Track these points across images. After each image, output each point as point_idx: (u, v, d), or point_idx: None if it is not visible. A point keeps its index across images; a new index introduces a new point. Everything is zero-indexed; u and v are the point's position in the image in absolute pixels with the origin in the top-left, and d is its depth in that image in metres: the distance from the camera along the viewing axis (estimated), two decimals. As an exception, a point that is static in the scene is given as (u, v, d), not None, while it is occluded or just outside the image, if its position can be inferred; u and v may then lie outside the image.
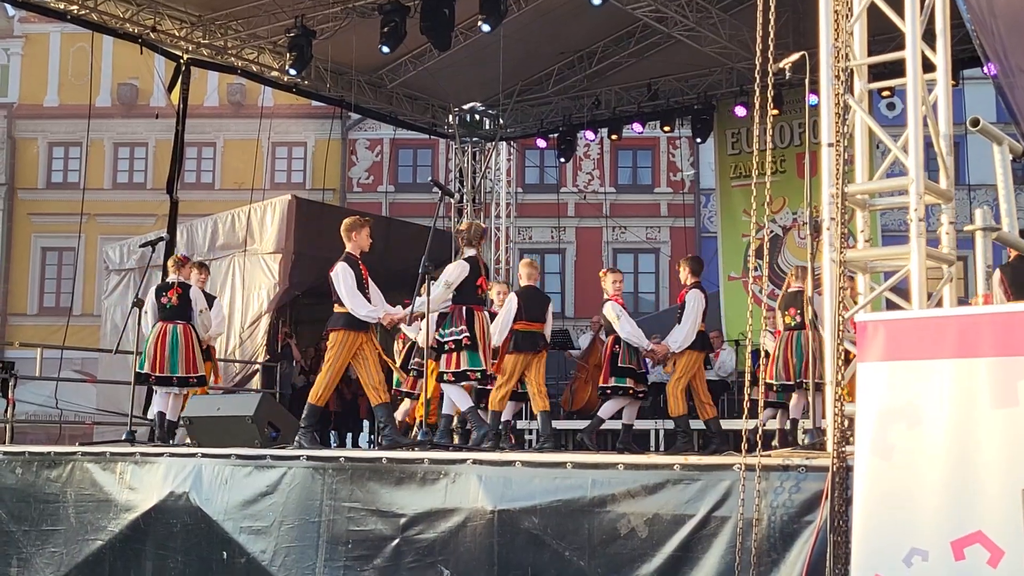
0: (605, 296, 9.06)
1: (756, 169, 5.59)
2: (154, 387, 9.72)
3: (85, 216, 20.60)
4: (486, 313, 8.07)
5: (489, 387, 8.43)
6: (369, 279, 7.75)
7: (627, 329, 8.72)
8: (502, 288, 9.41)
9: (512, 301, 8.54)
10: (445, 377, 7.85)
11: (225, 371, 13.02)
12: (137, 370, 9.46)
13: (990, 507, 3.88)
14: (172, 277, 9.80)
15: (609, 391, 8.92)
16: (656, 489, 5.23)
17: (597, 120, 16.94)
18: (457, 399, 7.99)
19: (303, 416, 7.76)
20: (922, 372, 4.17)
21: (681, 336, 8.63)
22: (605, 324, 9.19)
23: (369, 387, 7.69)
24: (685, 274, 8.99)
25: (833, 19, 5.22)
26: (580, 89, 16.43)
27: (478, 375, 7.82)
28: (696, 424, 9.22)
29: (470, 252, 7.96)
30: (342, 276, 7.59)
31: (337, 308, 7.64)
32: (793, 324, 9.52)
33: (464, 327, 7.72)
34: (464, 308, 7.81)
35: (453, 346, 7.74)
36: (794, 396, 9.61)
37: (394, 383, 9.43)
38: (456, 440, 8.94)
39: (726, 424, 10.39)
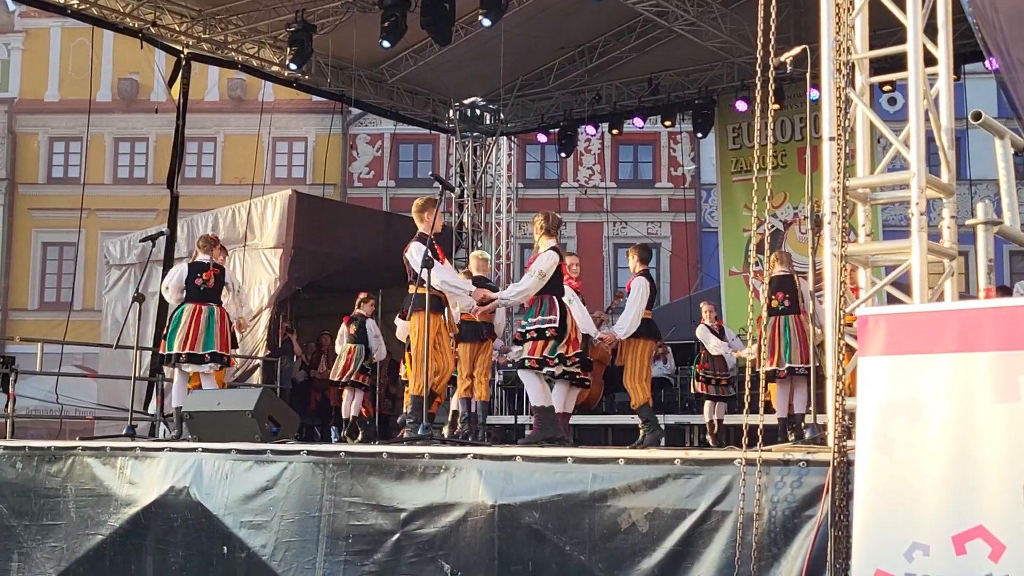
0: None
1: (757, 164, 5.57)
2: (183, 365, 9.32)
3: (85, 211, 20.56)
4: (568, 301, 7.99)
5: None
6: (445, 259, 7.53)
7: (576, 314, 8.48)
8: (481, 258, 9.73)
9: None
10: (527, 363, 7.62)
11: (226, 366, 13.02)
12: (166, 351, 9.22)
13: (991, 502, 3.87)
14: (204, 257, 9.48)
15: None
16: (657, 484, 5.21)
17: (598, 115, 16.94)
18: (532, 390, 7.76)
19: (410, 410, 7.63)
20: (923, 366, 4.15)
21: (627, 323, 8.54)
22: None
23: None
24: (633, 262, 8.91)
25: (834, 12, 5.21)
26: (581, 84, 16.42)
27: (555, 360, 7.64)
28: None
29: (552, 241, 7.77)
30: (415, 251, 7.40)
31: (412, 289, 7.45)
32: (780, 308, 9.39)
33: (556, 317, 7.55)
34: (555, 298, 7.65)
35: (536, 334, 7.58)
36: (777, 391, 9.47)
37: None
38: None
39: (728, 419, 10.33)
